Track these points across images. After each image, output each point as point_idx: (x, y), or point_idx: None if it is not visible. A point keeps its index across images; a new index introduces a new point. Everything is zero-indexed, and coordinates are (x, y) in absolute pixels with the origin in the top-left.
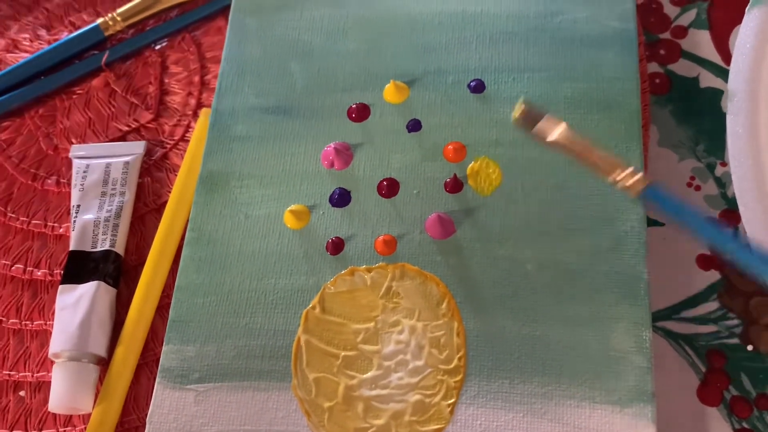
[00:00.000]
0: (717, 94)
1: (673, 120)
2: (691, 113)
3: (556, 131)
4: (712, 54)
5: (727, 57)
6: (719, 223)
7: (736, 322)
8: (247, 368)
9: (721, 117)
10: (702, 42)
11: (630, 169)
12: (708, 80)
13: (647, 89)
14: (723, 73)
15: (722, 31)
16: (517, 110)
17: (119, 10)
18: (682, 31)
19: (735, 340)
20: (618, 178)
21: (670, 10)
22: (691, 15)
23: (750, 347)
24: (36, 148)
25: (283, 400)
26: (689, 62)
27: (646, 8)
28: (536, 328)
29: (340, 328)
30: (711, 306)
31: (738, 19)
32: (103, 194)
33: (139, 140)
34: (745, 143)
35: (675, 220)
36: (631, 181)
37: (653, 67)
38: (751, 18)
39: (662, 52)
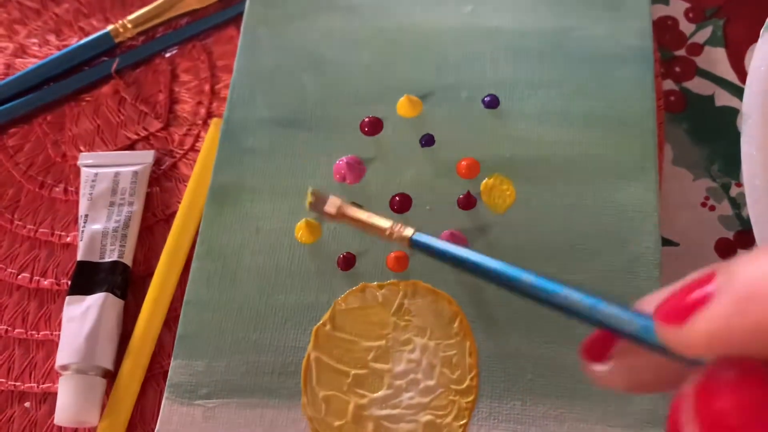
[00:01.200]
0: (732, 113)
1: (688, 139)
2: (706, 132)
3: (336, 206)
4: (728, 72)
5: (743, 75)
6: (487, 255)
7: None
8: (256, 385)
9: (736, 136)
10: (718, 60)
11: (399, 224)
12: (724, 99)
13: (662, 107)
14: (739, 92)
15: (738, 48)
16: (309, 198)
17: (130, 17)
18: (697, 49)
19: None
20: (391, 233)
21: (686, 26)
22: (706, 32)
23: None
24: (44, 156)
25: (293, 419)
26: (705, 80)
27: (662, 25)
28: (549, 349)
29: (350, 346)
30: None
31: (754, 37)
32: (112, 204)
33: (149, 149)
34: (760, 165)
35: (445, 261)
36: (403, 233)
37: (668, 84)
38: (765, 40)
39: (677, 69)
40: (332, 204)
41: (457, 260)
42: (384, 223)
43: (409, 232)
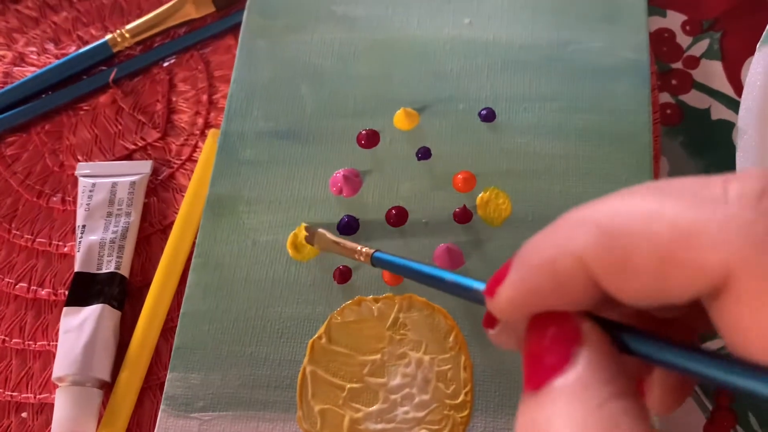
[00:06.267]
0: (728, 127)
1: (684, 152)
2: (702, 145)
3: (320, 238)
4: (724, 85)
5: (739, 89)
6: (436, 267)
7: None
8: (252, 398)
9: (732, 150)
10: (714, 73)
11: (365, 247)
12: (719, 112)
13: (658, 120)
14: (735, 105)
15: (735, 62)
16: (303, 233)
17: (128, 27)
18: (694, 62)
19: None
20: (357, 255)
21: (683, 39)
22: (703, 45)
23: None
24: (42, 165)
25: None
26: (701, 93)
27: (659, 37)
28: None
29: (346, 359)
30: (720, 342)
31: (751, 50)
32: (109, 214)
33: (146, 159)
34: None
35: (406, 275)
36: (365, 252)
37: (665, 97)
38: (762, 55)
39: (674, 82)
40: (319, 237)
41: (410, 272)
42: (355, 246)
43: (370, 251)
